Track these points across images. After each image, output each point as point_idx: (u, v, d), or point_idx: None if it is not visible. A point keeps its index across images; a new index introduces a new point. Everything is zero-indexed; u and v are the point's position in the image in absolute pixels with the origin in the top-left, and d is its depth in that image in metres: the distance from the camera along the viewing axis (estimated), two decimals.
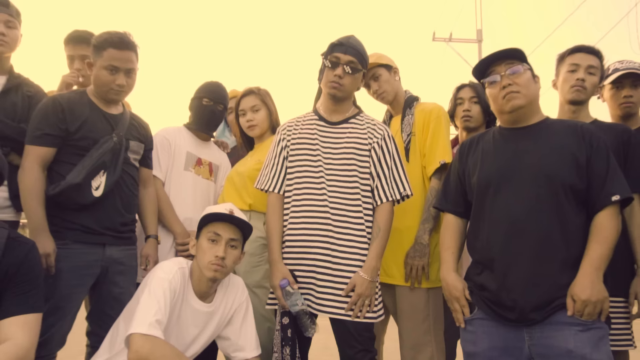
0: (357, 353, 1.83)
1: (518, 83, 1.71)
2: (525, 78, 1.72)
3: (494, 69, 1.76)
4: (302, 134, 2.01)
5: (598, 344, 1.53)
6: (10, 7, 2.11)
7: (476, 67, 1.80)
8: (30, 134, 1.93)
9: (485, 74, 1.79)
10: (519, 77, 1.71)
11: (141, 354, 1.54)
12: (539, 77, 1.79)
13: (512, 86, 1.71)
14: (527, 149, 1.70)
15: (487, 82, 1.78)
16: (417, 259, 2.06)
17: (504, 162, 1.72)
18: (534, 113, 1.76)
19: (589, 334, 1.53)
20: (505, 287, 1.62)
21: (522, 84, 1.71)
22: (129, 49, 2.05)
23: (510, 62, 1.73)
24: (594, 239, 1.59)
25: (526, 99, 1.72)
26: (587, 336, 1.53)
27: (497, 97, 1.74)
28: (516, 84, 1.71)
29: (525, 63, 1.74)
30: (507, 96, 1.71)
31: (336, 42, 1.97)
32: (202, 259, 1.80)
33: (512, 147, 1.73)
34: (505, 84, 1.71)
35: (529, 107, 1.74)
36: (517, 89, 1.71)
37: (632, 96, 2.20)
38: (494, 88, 1.75)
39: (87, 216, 1.93)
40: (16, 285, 1.50)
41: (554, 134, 1.71)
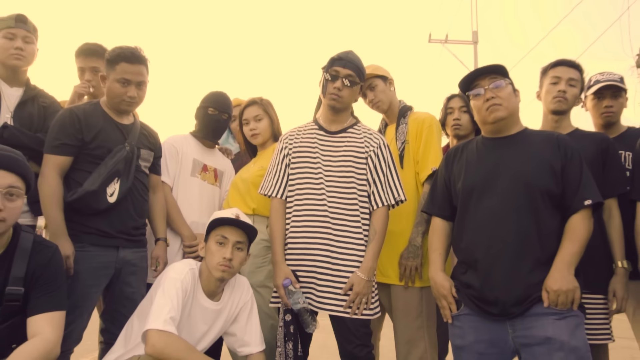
0: (355, 347, 1.97)
1: (500, 96, 1.86)
2: (506, 92, 1.88)
3: (478, 82, 1.91)
4: (303, 142, 2.16)
5: (574, 331, 1.68)
6: (27, 24, 2.25)
7: (462, 80, 1.95)
8: (48, 144, 2.07)
9: (470, 87, 1.94)
10: (501, 91, 1.86)
11: (157, 348, 1.69)
12: (519, 91, 1.95)
13: (495, 99, 1.86)
14: (507, 157, 1.85)
15: (472, 94, 1.93)
16: (411, 260, 2.21)
17: (487, 169, 1.87)
18: (514, 124, 1.92)
19: (566, 322, 1.68)
20: (488, 285, 1.76)
21: (504, 97, 1.86)
22: (140, 63, 2.20)
23: (494, 77, 1.89)
24: (567, 237, 1.74)
25: (507, 111, 1.87)
26: (564, 324, 1.68)
27: (481, 108, 1.90)
28: (498, 97, 1.86)
29: (507, 78, 1.90)
30: (490, 108, 1.87)
31: (336, 57, 2.12)
32: (210, 261, 1.95)
33: (493, 156, 1.88)
34: (489, 97, 1.86)
35: (510, 119, 1.89)
36: (500, 102, 1.86)
37: (612, 106, 2.35)
38: (478, 100, 1.90)
39: (102, 221, 2.08)
40: (42, 285, 1.65)
41: (532, 143, 1.87)
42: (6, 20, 2.21)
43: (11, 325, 1.62)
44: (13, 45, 2.20)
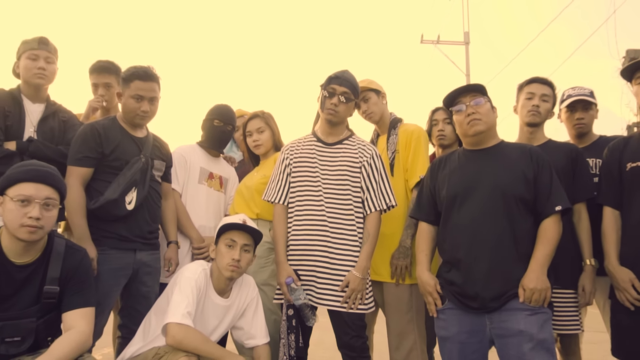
0: (352, 338, 2.22)
1: (480, 112, 2.10)
2: (486, 108, 2.12)
3: (460, 99, 2.15)
4: (303, 153, 2.40)
5: (543, 325, 1.93)
6: (49, 45, 2.47)
7: (446, 97, 2.19)
8: (72, 157, 2.29)
9: (453, 103, 2.18)
10: (480, 107, 2.11)
11: (177, 339, 1.92)
12: (496, 108, 2.19)
13: (475, 114, 2.10)
14: (485, 167, 2.09)
15: (454, 110, 2.17)
16: (401, 260, 2.45)
17: (467, 179, 2.11)
18: (492, 137, 2.16)
19: (536, 317, 1.92)
20: (469, 282, 2.00)
21: (483, 112, 2.11)
22: (152, 80, 2.43)
23: (474, 95, 2.13)
24: (540, 240, 1.99)
25: (486, 125, 2.11)
26: (534, 319, 1.92)
27: (463, 122, 2.14)
28: (478, 113, 2.10)
29: (486, 96, 2.14)
30: (470, 122, 2.10)
31: (333, 76, 2.36)
32: (221, 262, 2.18)
33: (473, 166, 2.12)
34: (470, 112, 2.10)
35: (488, 132, 2.13)
36: (479, 117, 2.10)
37: (583, 118, 2.61)
38: (460, 115, 2.14)
39: (121, 226, 2.30)
40: (75, 284, 1.87)
41: (507, 155, 2.11)
42: (30, 43, 2.43)
43: (48, 320, 1.84)
44: (36, 65, 2.42)
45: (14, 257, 1.80)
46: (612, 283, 2.15)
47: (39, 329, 1.82)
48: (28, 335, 1.79)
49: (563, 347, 2.42)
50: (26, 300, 1.81)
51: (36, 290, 1.83)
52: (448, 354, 2.08)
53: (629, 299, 2.05)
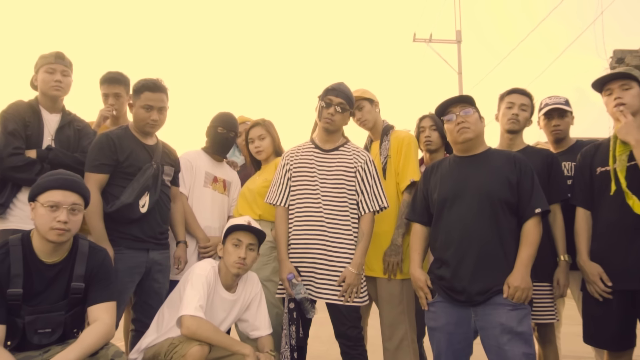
0: (348, 329, 2.45)
1: (469, 121, 2.33)
2: (474, 118, 2.35)
3: (451, 109, 2.37)
4: (302, 159, 2.62)
5: (522, 320, 2.15)
6: (65, 60, 2.67)
7: (437, 107, 2.41)
8: (89, 164, 2.49)
9: (444, 113, 2.41)
10: (469, 117, 2.33)
11: (191, 329, 2.15)
12: (484, 118, 2.42)
13: (464, 123, 2.32)
14: (473, 173, 2.32)
15: (445, 119, 2.40)
16: (393, 257, 2.68)
17: (457, 183, 2.33)
18: (480, 144, 2.39)
19: (516, 313, 2.14)
20: (457, 277, 2.22)
21: (472, 122, 2.33)
22: (161, 92, 2.64)
23: (464, 105, 2.35)
24: (523, 243, 2.20)
25: (474, 134, 2.34)
26: (514, 314, 2.14)
27: (453, 131, 2.36)
28: (467, 122, 2.32)
29: (474, 107, 2.37)
30: (460, 130, 2.33)
31: (330, 88, 2.58)
32: (228, 260, 2.41)
33: (462, 172, 2.35)
34: (459, 121, 2.33)
35: (476, 140, 2.36)
36: (468, 125, 2.32)
37: (559, 125, 2.86)
38: (451, 124, 2.37)
39: (135, 228, 2.52)
40: (98, 281, 2.09)
41: (493, 161, 2.33)
42: (47, 57, 2.63)
43: (74, 314, 2.06)
44: (53, 78, 2.62)
45: (44, 257, 2.01)
46: (583, 277, 2.39)
47: (66, 322, 2.04)
48: (57, 327, 2.01)
49: (540, 335, 2.66)
50: (55, 295, 2.02)
51: (64, 287, 2.04)
52: (437, 343, 2.31)
53: (598, 290, 2.29)
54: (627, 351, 2.32)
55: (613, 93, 2.37)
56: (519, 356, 2.09)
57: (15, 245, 1.98)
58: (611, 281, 2.26)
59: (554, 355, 2.69)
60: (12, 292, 1.91)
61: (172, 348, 2.18)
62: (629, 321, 2.27)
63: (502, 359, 2.12)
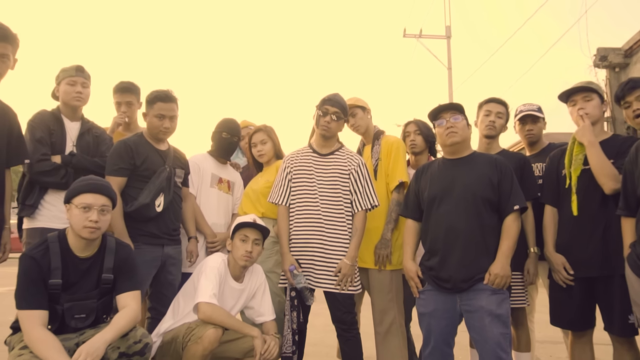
0: (343, 314, 2.80)
1: (457, 126, 2.63)
2: (462, 124, 2.65)
3: (442, 115, 2.67)
4: (302, 162, 2.95)
5: (501, 303, 2.49)
6: (84, 72, 2.96)
7: (430, 112, 2.69)
8: (109, 168, 2.80)
9: (436, 118, 2.71)
10: (458, 123, 2.63)
11: (207, 314, 2.48)
12: (471, 126, 2.73)
13: (453, 128, 2.63)
14: (459, 174, 2.62)
15: (437, 123, 2.71)
16: (383, 250, 3.03)
17: (445, 183, 2.64)
18: (466, 148, 2.71)
19: (496, 297, 2.48)
20: (444, 268, 2.55)
21: (460, 127, 2.64)
22: (172, 102, 2.95)
23: (454, 112, 2.65)
24: (504, 236, 2.52)
25: (461, 138, 2.65)
26: (494, 298, 2.48)
27: (442, 134, 2.68)
28: (455, 127, 2.63)
29: (463, 114, 2.67)
30: (448, 134, 2.65)
31: (326, 98, 2.90)
32: (236, 253, 2.74)
33: (450, 173, 2.66)
34: (449, 126, 2.63)
35: (463, 144, 2.67)
36: (456, 130, 2.63)
37: (532, 130, 3.22)
38: (441, 128, 2.68)
39: (152, 225, 2.84)
40: (124, 272, 2.41)
41: (477, 163, 2.65)
42: (68, 70, 2.92)
43: (104, 301, 2.38)
44: (74, 90, 2.91)
45: (78, 251, 2.33)
46: (550, 266, 2.76)
47: (98, 308, 2.36)
48: (91, 313, 2.33)
49: (514, 319, 3.02)
50: (88, 285, 2.34)
51: (95, 278, 2.36)
52: (426, 326, 2.62)
53: (562, 278, 2.65)
54: (588, 331, 2.69)
55: (577, 104, 2.72)
56: (497, 335, 2.42)
57: (53, 241, 2.29)
58: (573, 270, 2.61)
59: (526, 337, 3.06)
60: (53, 282, 2.23)
61: (189, 331, 2.51)
62: (588, 305, 2.63)
63: (483, 338, 2.44)
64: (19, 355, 2.08)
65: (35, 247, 2.28)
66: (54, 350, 2.08)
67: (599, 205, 2.54)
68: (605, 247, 2.51)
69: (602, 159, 2.49)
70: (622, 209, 2.35)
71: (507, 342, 2.46)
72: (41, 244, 2.28)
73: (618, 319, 2.46)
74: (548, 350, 4.35)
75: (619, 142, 2.59)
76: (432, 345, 2.59)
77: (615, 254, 2.44)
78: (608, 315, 2.54)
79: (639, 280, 2.20)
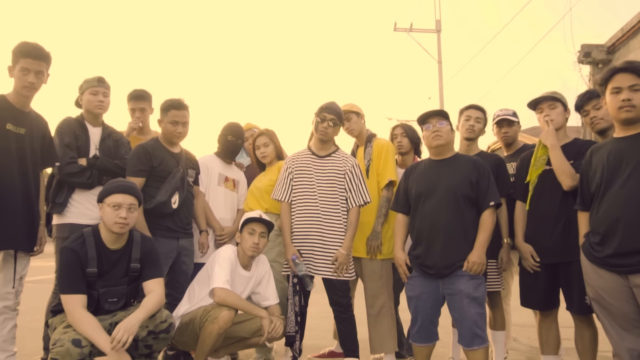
0: (340, 297, 3.23)
1: (442, 130, 3.03)
2: (447, 129, 3.05)
3: (429, 120, 3.06)
4: (302, 163, 3.36)
5: (477, 287, 2.91)
6: (105, 83, 3.33)
7: (419, 117, 3.08)
8: (130, 169, 3.19)
9: (424, 122, 3.10)
10: (443, 128, 3.02)
11: (222, 297, 2.90)
12: (454, 131, 3.15)
13: (438, 132, 3.03)
14: (443, 173, 3.01)
15: (424, 127, 3.11)
16: (374, 241, 3.45)
17: (430, 181, 3.04)
18: (449, 150, 3.10)
19: (473, 282, 2.90)
20: (429, 257, 2.95)
21: (444, 132, 3.03)
22: (184, 109, 3.34)
23: (440, 118, 3.05)
24: (481, 229, 2.92)
25: (445, 141, 3.04)
26: (472, 283, 2.90)
27: (429, 137, 3.07)
28: (440, 131, 3.02)
29: (448, 120, 3.06)
30: (434, 137, 3.05)
31: (324, 106, 3.31)
32: (245, 245, 3.15)
33: (435, 172, 3.05)
34: (434, 130, 3.04)
35: (447, 146, 3.06)
36: (441, 134, 3.02)
37: (508, 132, 3.66)
38: (428, 132, 3.07)
39: (168, 220, 3.23)
40: (149, 262, 2.80)
41: (459, 164, 3.05)
42: (91, 82, 3.29)
43: (132, 287, 2.78)
44: (97, 99, 3.28)
45: (110, 244, 2.72)
46: (519, 255, 3.19)
47: (127, 293, 2.76)
48: (121, 297, 2.73)
49: (490, 301, 3.48)
50: (118, 273, 2.73)
51: (124, 267, 2.75)
52: (414, 307, 3.03)
53: (529, 265, 3.09)
54: (553, 310, 3.12)
55: (543, 111, 3.15)
56: (474, 315, 2.84)
57: (88, 236, 2.68)
58: (539, 257, 3.05)
59: (501, 317, 3.51)
60: (90, 271, 2.62)
61: (206, 313, 2.92)
62: (552, 287, 3.06)
63: (462, 317, 2.86)
64: (64, 333, 2.47)
65: (73, 240, 2.67)
66: (95, 328, 2.48)
67: (560, 201, 2.97)
68: (565, 237, 2.92)
69: (562, 160, 2.91)
70: (578, 204, 2.77)
71: (483, 320, 2.89)
72: (78, 237, 2.67)
73: (576, 299, 2.89)
74: (527, 333, 4.81)
75: (578, 146, 3.02)
76: (419, 323, 3.01)
77: (574, 243, 2.86)
78: (569, 296, 2.97)
79: (591, 264, 2.62)
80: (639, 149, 2.45)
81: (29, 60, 2.81)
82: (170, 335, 2.74)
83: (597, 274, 2.53)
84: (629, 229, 2.37)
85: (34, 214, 2.96)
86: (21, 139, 2.87)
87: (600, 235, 2.51)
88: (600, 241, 2.51)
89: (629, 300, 2.41)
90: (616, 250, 2.41)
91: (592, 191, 2.64)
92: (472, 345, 2.83)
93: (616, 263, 2.43)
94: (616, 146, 2.55)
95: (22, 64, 2.81)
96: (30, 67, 2.82)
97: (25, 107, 2.93)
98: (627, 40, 10.04)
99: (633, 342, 2.42)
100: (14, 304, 2.91)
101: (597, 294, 2.55)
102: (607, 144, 2.65)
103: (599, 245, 2.52)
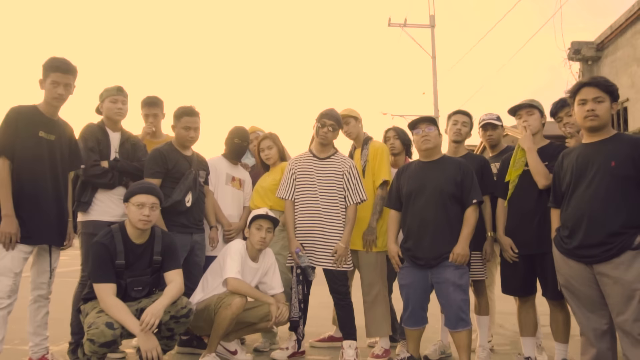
0: (339, 286, 3.63)
1: (430, 135, 3.43)
2: (434, 134, 3.45)
3: (419, 125, 3.47)
4: (304, 165, 3.75)
5: (462, 276, 3.32)
6: (123, 92, 3.69)
7: (410, 123, 3.51)
8: (147, 171, 3.56)
9: (414, 127, 3.51)
10: (431, 133, 3.43)
11: (234, 286, 3.29)
12: (442, 135, 3.55)
13: (427, 136, 3.44)
14: (431, 174, 3.42)
15: (414, 132, 3.52)
16: (370, 235, 3.85)
17: (419, 181, 3.45)
18: (437, 153, 3.51)
19: (458, 271, 3.31)
20: (418, 249, 3.36)
21: (432, 136, 3.44)
22: (196, 115, 3.72)
23: (428, 124, 3.46)
24: (465, 224, 3.33)
25: (433, 144, 3.45)
26: (457, 272, 3.30)
27: (418, 141, 3.48)
28: (429, 136, 3.43)
29: (436, 126, 3.47)
30: (423, 141, 3.46)
31: (324, 113, 3.69)
32: (253, 239, 3.54)
33: (424, 173, 3.45)
34: (424, 135, 3.45)
35: (435, 149, 3.47)
36: (429, 139, 3.43)
37: (492, 135, 4.06)
38: (418, 136, 3.48)
39: (183, 217, 3.62)
40: (170, 255, 3.19)
41: (445, 165, 3.45)
42: (111, 90, 3.65)
43: (155, 278, 3.16)
44: (116, 106, 3.65)
45: (134, 239, 3.10)
46: (500, 247, 3.60)
47: (151, 283, 3.14)
48: (145, 286, 3.11)
49: (475, 288, 3.89)
50: (143, 265, 3.12)
51: (148, 259, 3.14)
52: (405, 294, 3.43)
53: (509, 256, 3.49)
54: (530, 297, 3.53)
55: (522, 117, 3.54)
56: (459, 301, 3.25)
57: (116, 231, 3.06)
58: (517, 249, 3.45)
59: (485, 303, 3.93)
60: (119, 262, 3.00)
61: (219, 300, 3.32)
62: (530, 276, 3.46)
63: (449, 303, 3.27)
64: (98, 317, 2.86)
65: (103, 235, 3.05)
66: (125, 313, 2.87)
67: (536, 199, 3.37)
68: (541, 231, 3.31)
69: (538, 162, 3.31)
70: (551, 202, 3.17)
71: (467, 305, 3.30)
72: (107, 233, 3.05)
73: (550, 286, 3.30)
74: (512, 320, 5.23)
75: (553, 149, 3.42)
76: (410, 309, 3.42)
77: (549, 236, 3.26)
78: (544, 283, 3.38)
79: (561, 255, 3.01)
80: (604, 153, 2.82)
81: (59, 74, 3.17)
82: (189, 320, 3.13)
83: (566, 263, 2.92)
84: (592, 224, 2.75)
85: (64, 212, 3.33)
86: (52, 144, 3.23)
87: (568, 229, 2.89)
88: (569, 234, 2.89)
89: (593, 287, 2.79)
90: (581, 243, 2.79)
91: (563, 190, 3.01)
92: (457, 328, 3.24)
93: (582, 254, 2.81)
94: (584, 151, 2.93)
95: (52, 78, 3.17)
96: (60, 80, 3.18)
97: (54, 116, 3.29)
98: (616, 38, 10.47)
99: (597, 322, 2.82)
100: (47, 293, 3.30)
101: (566, 281, 2.94)
102: (576, 148, 3.04)
103: (568, 238, 2.89)
